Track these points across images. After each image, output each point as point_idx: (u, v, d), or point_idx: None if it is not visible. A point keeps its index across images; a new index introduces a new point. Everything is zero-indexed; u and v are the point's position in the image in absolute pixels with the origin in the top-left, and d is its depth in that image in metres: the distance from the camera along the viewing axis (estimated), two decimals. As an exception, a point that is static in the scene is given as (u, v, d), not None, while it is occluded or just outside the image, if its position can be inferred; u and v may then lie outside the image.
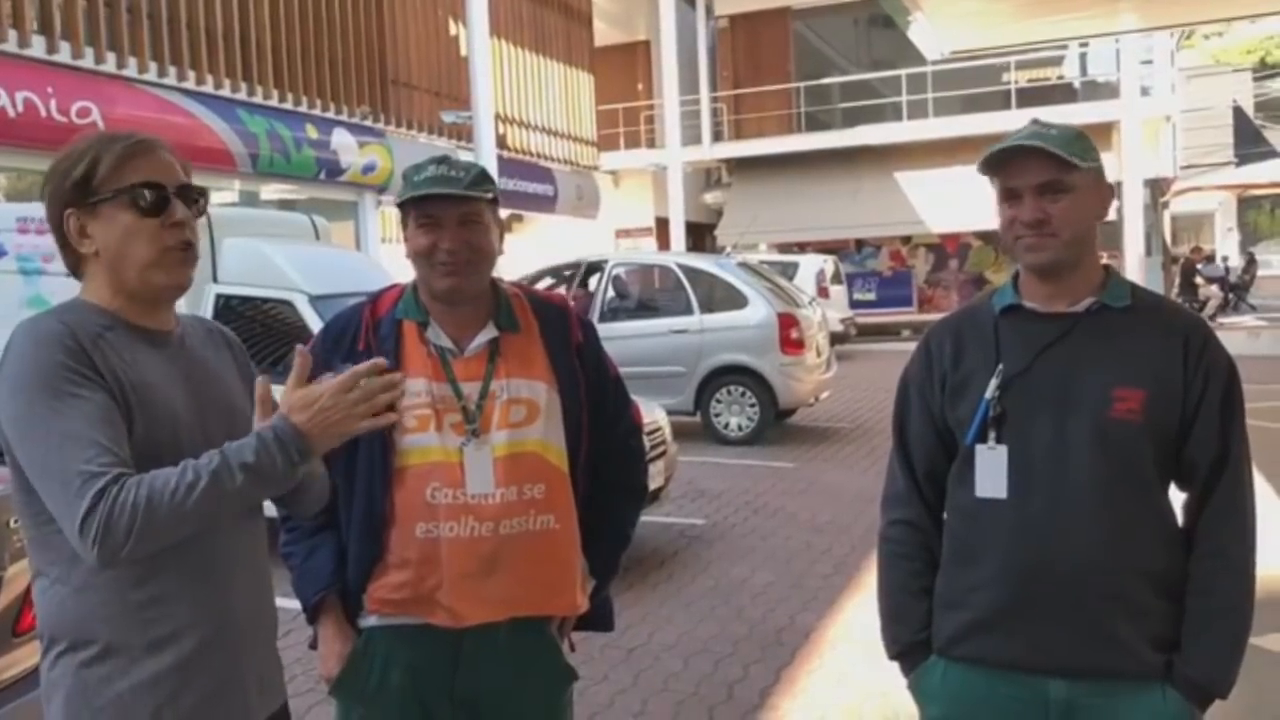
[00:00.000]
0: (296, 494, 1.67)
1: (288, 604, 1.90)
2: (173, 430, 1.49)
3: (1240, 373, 1.77)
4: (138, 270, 1.52)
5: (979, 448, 1.75)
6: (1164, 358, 1.70)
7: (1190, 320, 1.78)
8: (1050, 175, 1.69)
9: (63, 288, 1.60)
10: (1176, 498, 1.77)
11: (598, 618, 2.13)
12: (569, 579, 2.01)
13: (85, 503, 1.33)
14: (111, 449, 1.37)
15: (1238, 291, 23.89)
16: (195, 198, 1.58)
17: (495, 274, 2.05)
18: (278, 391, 1.52)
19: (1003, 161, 1.73)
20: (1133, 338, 1.73)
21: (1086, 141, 1.73)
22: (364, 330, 1.98)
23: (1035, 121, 1.76)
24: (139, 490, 1.34)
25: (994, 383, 1.75)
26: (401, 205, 1.95)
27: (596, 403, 2.05)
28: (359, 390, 1.47)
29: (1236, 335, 14.26)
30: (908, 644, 1.88)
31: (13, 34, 9.56)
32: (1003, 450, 1.73)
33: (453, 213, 1.90)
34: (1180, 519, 1.77)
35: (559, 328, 2.04)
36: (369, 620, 1.96)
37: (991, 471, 1.74)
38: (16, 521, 2.31)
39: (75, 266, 1.57)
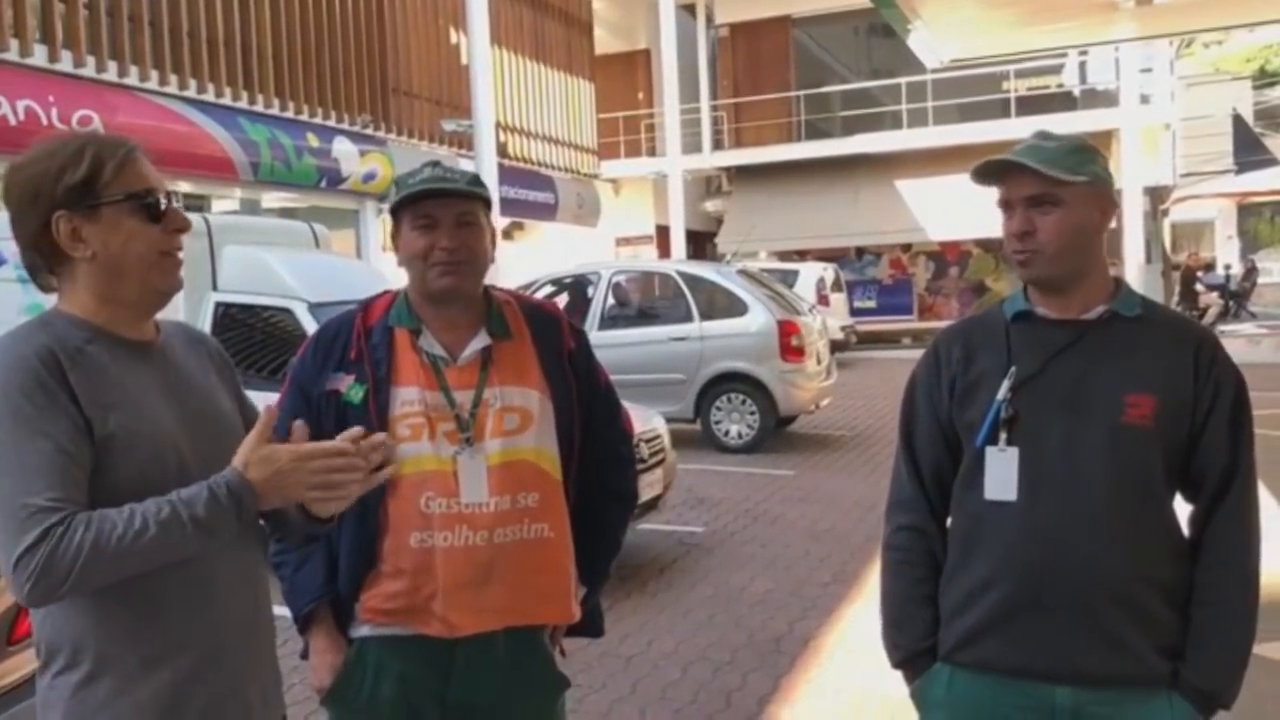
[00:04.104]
0: (280, 521, 1.63)
1: (284, 612, 1.89)
2: (158, 447, 1.47)
3: None
4: (139, 274, 1.52)
5: (989, 450, 1.74)
6: (1175, 367, 1.71)
7: (1201, 332, 1.79)
8: (1039, 189, 1.70)
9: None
10: (1181, 511, 1.77)
11: (588, 624, 2.12)
12: (563, 587, 2.00)
13: (30, 537, 1.31)
14: (66, 485, 1.35)
15: (1238, 299, 23.87)
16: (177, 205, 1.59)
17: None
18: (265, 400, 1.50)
19: (998, 173, 1.74)
20: (1144, 346, 1.73)
21: (1086, 154, 1.73)
22: (355, 338, 1.97)
23: (1039, 133, 1.77)
24: (85, 532, 1.32)
25: (1006, 384, 1.74)
26: (395, 210, 1.95)
27: (588, 410, 2.04)
28: (320, 462, 1.45)
29: (1237, 343, 14.24)
30: (911, 652, 1.86)
31: (14, 43, 9.57)
32: (1013, 452, 1.72)
33: (450, 212, 1.91)
34: (1186, 530, 1.76)
35: (551, 334, 2.03)
36: (361, 630, 1.95)
37: (1001, 474, 1.73)
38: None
39: (49, 272, 1.52)
